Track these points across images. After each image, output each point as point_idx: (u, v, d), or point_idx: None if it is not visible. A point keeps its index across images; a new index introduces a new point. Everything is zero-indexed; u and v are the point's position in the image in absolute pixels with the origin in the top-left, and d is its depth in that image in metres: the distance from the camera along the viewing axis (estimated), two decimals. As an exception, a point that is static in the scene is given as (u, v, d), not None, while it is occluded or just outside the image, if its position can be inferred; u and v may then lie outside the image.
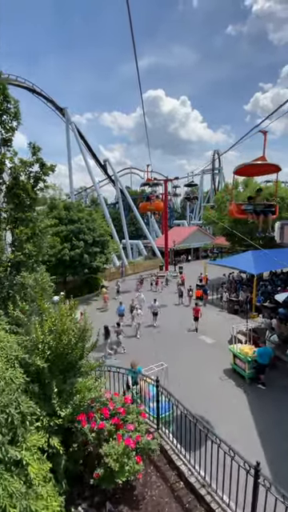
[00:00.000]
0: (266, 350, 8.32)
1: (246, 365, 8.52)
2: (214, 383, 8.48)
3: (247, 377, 8.49)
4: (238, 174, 7.79)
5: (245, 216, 7.27)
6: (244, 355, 8.61)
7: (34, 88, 31.16)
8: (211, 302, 17.70)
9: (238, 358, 8.95)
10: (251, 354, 8.48)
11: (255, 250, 17.69)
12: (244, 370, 8.63)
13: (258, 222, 7.08)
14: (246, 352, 8.70)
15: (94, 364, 3.77)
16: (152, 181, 27.94)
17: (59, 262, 17.61)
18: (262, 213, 6.90)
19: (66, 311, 3.62)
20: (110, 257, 20.90)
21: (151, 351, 9.79)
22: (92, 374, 3.89)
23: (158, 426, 4.38)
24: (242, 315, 15.08)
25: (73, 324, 3.42)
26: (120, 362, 9.15)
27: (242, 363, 8.77)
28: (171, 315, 15.18)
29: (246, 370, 8.52)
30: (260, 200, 7.47)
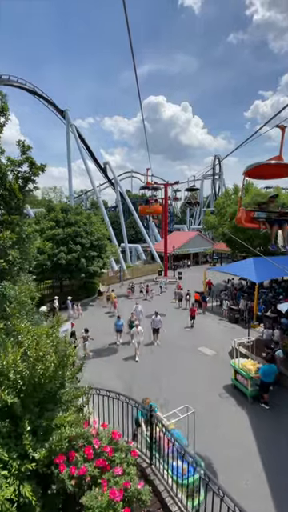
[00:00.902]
0: (270, 368, 7.72)
1: (249, 382, 7.95)
2: (214, 401, 7.93)
3: (249, 395, 7.92)
4: (249, 176, 6.56)
5: (255, 225, 6.39)
6: (246, 372, 8.05)
7: (35, 90, 31.03)
8: (211, 309, 17.18)
9: (239, 374, 8.39)
10: (254, 372, 7.92)
11: (257, 257, 17.25)
12: (246, 388, 8.06)
13: (271, 232, 6.20)
14: (249, 369, 8.08)
15: (78, 392, 3.26)
16: (152, 184, 27.70)
17: (55, 266, 17.12)
18: (277, 222, 6.06)
19: (47, 331, 3.14)
20: (107, 261, 20.40)
21: (151, 375, 9.07)
22: (79, 401, 3.38)
23: (152, 461, 3.85)
24: (242, 324, 14.58)
25: (53, 347, 2.93)
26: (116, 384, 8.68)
27: (243, 379, 8.21)
28: (169, 321, 14.66)
29: (249, 387, 7.95)
30: (274, 207, 6.53)
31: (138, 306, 13.65)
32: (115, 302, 16.76)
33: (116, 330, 11.76)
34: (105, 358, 10.59)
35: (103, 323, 14.54)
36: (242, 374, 8.19)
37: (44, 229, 17.56)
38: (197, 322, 14.64)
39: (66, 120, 31.99)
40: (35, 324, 4.02)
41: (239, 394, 8.24)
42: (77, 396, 3.21)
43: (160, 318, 11.74)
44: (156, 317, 11.75)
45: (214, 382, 8.86)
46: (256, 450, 5.96)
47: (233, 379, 8.68)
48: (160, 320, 11.69)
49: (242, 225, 6.63)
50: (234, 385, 8.64)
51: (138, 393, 7.61)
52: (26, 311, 3.70)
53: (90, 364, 9.15)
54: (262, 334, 12.58)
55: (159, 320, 11.71)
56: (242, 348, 9.92)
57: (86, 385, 3.64)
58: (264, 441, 6.30)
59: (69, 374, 3.12)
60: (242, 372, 8.23)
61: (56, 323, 3.35)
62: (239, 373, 8.34)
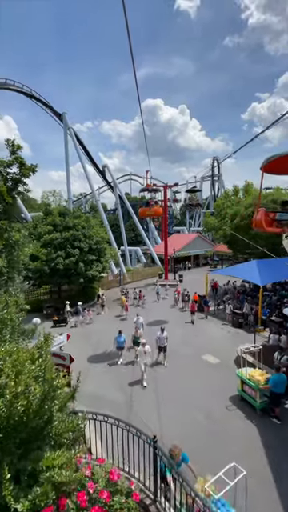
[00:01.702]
0: (280, 378, 7.15)
1: (257, 393, 7.46)
2: (220, 415, 7.44)
3: (258, 408, 7.43)
4: (267, 171, 5.95)
5: (277, 230, 5.68)
6: (255, 383, 7.54)
7: (32, 93, 30.86)
8: (213, 313, 16.70)
9: (246, 385, 7.89)
10: (264, 382, 7.41)
11: (260, 259, 16.83)
12: (254, 399, 7.57)
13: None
14: (258, 380, 7.53)
15: (70, 423, 2.80)
16: (151, 186, 27.38)
17: (53, 271, 16.69)
18: None
19: (33, 353, 2.70)
20: (106, 265, 19.96)
21: (159, 401, 7.74)
22: (71, 434, 2.92)
23: (156, 497, 3.38)
24: (246, 328, 14.10)
25: (39, 376, 2.49)
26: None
27: (251, 391, 7.71)
28: (170, 327, 14.19)
29: (257, 399, 7.45)
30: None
31: (140, 318, 12.06)
32: (126, 305, 16.73)
33: (117, 348, 10.15)
34: (106, 380, 9.09)
35: (116, 328, 14.01)
36: (250, 384, 7.69)
37: (41, 233, 17.18)
38: (199, 328, 14.19)
39: (64, 123, 31.77)
40: (22, 343, 3.57)
41: (247, 406, 7.76)
42: (69, 430, 2.76)
43: (166, 335, 10.11)
44: (162, 333, 10.06)
45: (220, 393, 8.37)
46: (271, 478, 5.43)
47: (239, 390, 8.17)
48: (166, 337, 10.10)
49: (263, 229, 5.93)
50: (240, 396, 8.14)
51: (145, 421, 7.20)
52: (11, 330, 3.26)
53: (88, 387, 8.65)
54: (267, 339, 12.12)
55: (165, 337, 10.08)
56: (248, 356, 9.44)
57: (80, 413, 3.18)
58: (278, 460, 5.82)
59: (58, 404, 2.67)
60: (249, 383, 7.73)
61: (44, 343, 2.90)
62: (246, 383, 7.84)
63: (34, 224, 18.23)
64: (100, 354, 11.41)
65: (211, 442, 6.28)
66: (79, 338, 13.31)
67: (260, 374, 7.74)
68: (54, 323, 15.57)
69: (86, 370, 9.82)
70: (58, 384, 2.60)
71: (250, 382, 7.66)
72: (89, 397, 8.20)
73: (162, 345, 10.09)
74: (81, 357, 11.05)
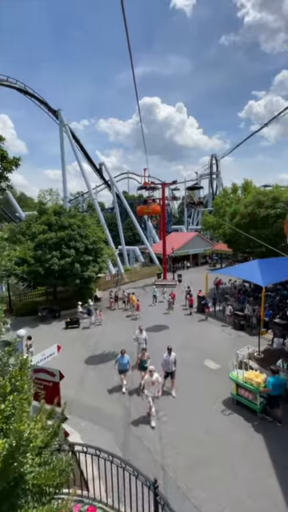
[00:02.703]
0: (278, 380, 7.01)
1: (257, 396, 7.14)
2: (223, 428, 6.96)
3: (259, 411, 7.17)
4: None
5: None
6: (254, 385, 7.20)
7: (26, 89, 30.03)
8: (213, 314, 16.23)
9: (242, 388, 7.55)
10: (263, 385, 7.08)
11: (262, 259, 16.38)
12: (252, 402, 7.27)
13: None
14: (258, 382, 7.22)
15: (52, 472, 2.27)
16: (149, 184, 26.83)
17: (48, 272, 16.10)
18: None
19: (4, 387, 2.16)
20: (103, 266, 19.38)
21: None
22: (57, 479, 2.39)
23: None
24: (248, 330, 13.65)
25: (5, 418, 1.95)
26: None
27: (248, 393, 7.38)
28: (169, 332, 13.72)
29: (258, 401, 7.15)
30: None
31: (142, 333, 10.04)
32: (138, 304, 16.39)
33: (119, 371, 8.44)
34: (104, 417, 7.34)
35: (128, 329, 13.75)
36: (248, 387, 7.36)
37: (35, 233, 16.57)
38: (200, 330, 13.71)
39: (59, 120, 31.02)
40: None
41: (244, 410, 7.42)
42: (51, 478, 2.22)
43: (175, 357, 8.25)
44: (169, 355, 8.19)
45: (221, 401, 7.89)
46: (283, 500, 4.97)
47: (234, 394, 7.76)
48: (175, 360, 8.24)
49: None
50: (236, 400, 7.75)
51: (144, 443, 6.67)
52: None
53: (86, 398, 8.15)
54: (271, 342, 11.68)
55: (173, 360, 8.19)
56: (252, 362, 8.97)
57: (66, 450, 2.64)
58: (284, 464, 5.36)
59: (32, 456, 2.13)
60: (246, 386, 7.39)
61: (21, 371, 2.36)
62: (243, 386, 7.50)
63: (27, 223, 17.60)
64: (103, 358, 10.93)
65: (217, 468, 5.78)
66: (84, 341, 12.85)
67: (256, 376, 7.45)
68: (66, 325, 15.23)
69: (87, 376, 9.35)
70: (30, 435, 2.05)
71: (248, 385, 7.35)
72: (86, 408, 7.71)
73: (169, 370, 8.17)
74: (80, 361, 10.62)
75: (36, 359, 5.14)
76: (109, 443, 6.38)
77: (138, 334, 10.08)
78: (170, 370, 8.20)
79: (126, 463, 3.07)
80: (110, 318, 16.64)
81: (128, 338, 11.14)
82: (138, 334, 10.05)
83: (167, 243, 27.07)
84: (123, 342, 10.93)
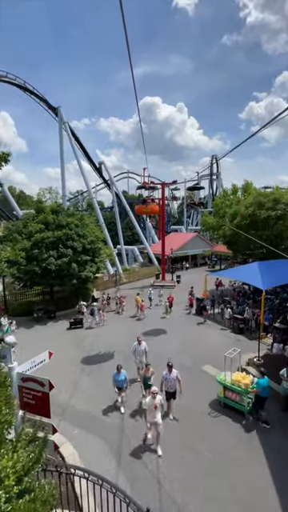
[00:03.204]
0: (265, 381, 7.00)
1: (245, 398, 7.14)
2: (227, 443, 6.69)
3: (248, 412, 7.15)
4: None
5: None
6: (242, 387, 7.20)
7: (25, 86, 29.67)
8: (212, 317, 15.97)
9: (229, 390, 7.46)
10: (251, 386, 7.12)
11: (262, 261, 16.13)
12: (240, 404, 7.24)
13: None
14: (246, 384, 7.18)
15: (31, 505, 1.99)
16: (149, 184, 26.54)
17: (44, 272, 15.80)
18: None
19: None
20: (101, 266, 19.08)
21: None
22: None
23: None
24: (247, 334, 13.40)
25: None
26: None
27: (236, 395, 7.34)
28: (167, 336, 13.45)
29: (245, 403, 7.14)
30: None
31: (141, 344, 8.80)
32: (143, 305, 16.24)
33: (116, 388, 7.48)
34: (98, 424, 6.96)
35: (132, 330, 13.59)
36: (236, 389, 7.30)
37: (32, 232, 16.26)
38: (198, 334, 13.43)
39: (59, 117, 30.66)
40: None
41: (231, 412, 7.36)
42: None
43: (177, 374, 7.14)
44: (170, 373, 7.10)
45: (227, 419, 7.62)
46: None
47: (221, 397, 7.65)
48: (177, 378, 7.09)
49: None
50: (223, 403, 7.63)
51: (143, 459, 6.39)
52: None
53: (81, 406, 7.85)
54: (270, 347, 11.44)
55: (175, 378, 7.07)
56: (252, 368, 8.73)
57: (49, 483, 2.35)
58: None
59: (10, 492, 1.84)
60: (235, 388, 7.32)
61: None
62: (231, 389, 7.41)
63: (24, 222, 17.28)
64: (99, 359, 10.63)
65: (217, 485, 5.53)
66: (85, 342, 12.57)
67: (244, 378, 7.47)
68: (70, 325, 15.03)
69: (81, 380, 9.05)
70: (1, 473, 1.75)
71: (236, 387, 7.32)
72: (79, 414, 7.43)
73: (170, 389, 7.05)
74: (79, 362, 10.32)
75: (25, 367, 4.84)
76: (103, 452, 6.12)
77: (137, 345, 8.82)
78: (172, 389, 7.06)
79: (116, 489, 2.80)
80: (115, 318, 16.46)
81: (131, 339, 10.79)
82: (137, 346, 8.81)
83: (166, 243, 26.83)
84: (127, 344, 10.70)
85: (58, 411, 7.48)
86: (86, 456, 5.93)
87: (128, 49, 3.42)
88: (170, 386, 7.05)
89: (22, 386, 4.64)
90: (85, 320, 15.53)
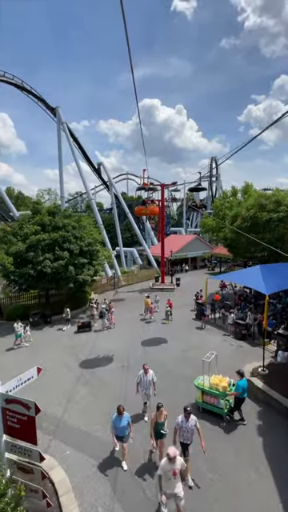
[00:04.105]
0: (245, 383, 7.08)
1: (223, 401, 7.16)
2: (233, 461, 6.19)
3: (225, 414, 7.20)
4: None
5: None
6: (221, 391, 7.22)
7: (23, 85, 29.29)
8: (213, 322, 15.50)
9: (207, 395, 7.40)
10: (229, 389, 7.28)
11: (264, 264, 15.70)
12: (218, 407, 7.23)
13: None
14: (224, 387, 7.25)
15: None
16: (148, 185, 26.16)
17: (40, 275, 15.29)
18: None
19: None
20: (98, 269, 18.58)
21: None
22: None
23: None
24: (250, 340, 12.93)
25: None
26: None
27: (214, 399, 7.31)
28: (167, 344, 12.95)
29: (224, 406, 7.16)
30: None
31: (148, 374, 7.11)
32: (152, 308, 16.12)
33: (116, 437, 5.76)
34: (92, 443, 6.33)
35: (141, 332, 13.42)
36: (215, 393, 7.26)
37: (28, 234, 15.77)
38: (199, 340, 12.91)
39: (57, 118, 30.28)
40: None
41: (210, 416, 7.32)
42: None
43: (196, 422, 5.43)
44: (187, 421, 5.37)
45: (231, 436, 7.13)
46: None
47: (199, 402, 7.54)
48: (195, 427, 5.39)
49: None
50: (201, 408, 7.52)
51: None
52: None
53: (75, 420, 7.31)
54: (274, 354, 10.97)
55: (193, 427, 5.36)
56: (257, 380, 8.24)
57: None
58: None
59: None
60: (213, 392, 7.30)
61: None
62: (209, 393, 7.35)
63: (19, 223, 16.80)
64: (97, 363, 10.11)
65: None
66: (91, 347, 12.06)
67: (221, 380, 7.51)
68: (77, 329, 14.68)
69: (78, 391, 8.50)
70: None
71: (215, 391, 7.30)
72: (73, 432, 6.92)
73: (186, 441, 5.40)
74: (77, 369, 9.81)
75: (10, 385, 4.36)
76: (96, 476, 5.61)
77: (142, 375, 7.08)
78: (188, 440, 5.39)
79: None
80: (123, 320, 16.07)
81: (131, 345, 10.25)
82: (142, 376, 7.07)
83: (166, 246, 26.43)
84: (126, 350, 10.05)
85: (50, 428, 6.97)
86: (78, 481, 5.43)
87: (129, 51, 3.44)
88: (187, 437, 5.38)
89: (6, 408, 4.16)
90: (93, 323, 15.34)
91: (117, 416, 5.72)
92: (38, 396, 8.10)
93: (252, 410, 7.47)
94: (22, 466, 4.48)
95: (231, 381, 7.54)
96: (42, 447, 6.31)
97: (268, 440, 6.48)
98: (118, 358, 11.18)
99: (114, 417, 5.75)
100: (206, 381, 7.49)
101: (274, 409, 7.39)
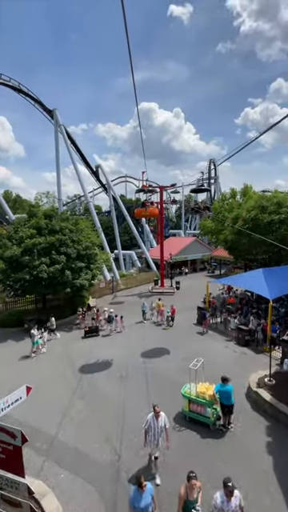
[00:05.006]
0: (231, 389, 6.92)
1: (210, 409, 6.98)
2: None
3: (212, 423, 6.99)
4: None
5: None
6: (208, 399, 7.02)
7: (20, 87, 29.00)
8: (215, 327, 15.03)
9: (194, 403, 7.18)
10: (215, 397, 7.02)
11: (266, 268, 15.35)
12: (205, 416, 7.01)
13: None
14: (211, 395, 7.06)
15: None
16: (147, 187, 25.78)
17: (36, 280, 14.81)
18: None
19: None
20: (96, 273, 18.10)
21: None
22: None
23: None
24: (253, 346, 12.46)
25: None
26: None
27: (201, 408, 7.11)
28: (168, 354, 12.47)
29: (210, 415, 6.97)
30: None
31: (161, 417, 5.57)
32: (162, 310, 16.01)
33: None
34: (89, 466, 5.81)
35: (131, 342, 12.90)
36: (201, 402, 7.07)
37: (23, 237, 15.31)
38: (202, 347, 12.38)
39: (55, 120, 30.00)
40: None
41: (195, 425, 7.10)
42: None
43: (240, 500, 3.96)
44: (229, 502, 3.85)
45: (244, 460, 6.65)
46: None
47: (186, 411, 7.31)
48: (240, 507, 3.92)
49: None
50: (189, 417, 7.30)
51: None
52: None
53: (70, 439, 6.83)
54: (279, 361, 10.52)
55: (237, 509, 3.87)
56: (265, 392, 7.78)
57: None
58: None
59: None
60: (200, 400, 7.09)
61: None
62: (197, 402, 7.13)
63: (15, 227, 16.34)
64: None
65: None
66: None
67: (207, 388, 7.33)
68: (84, 334, 14.37)
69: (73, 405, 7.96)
70: None
71: (201, 400, 7.09)
72: (68, 452, 6.41)
73: None
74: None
75: (-5, 408, 3.89)
76: (93, 504, 5.11)
77: (152, 420, 5.49)
78: None
79: None
80: (133, 323, 15.82)
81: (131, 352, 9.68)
82: (152, 421, 5.48)
83: (165, 248, 25.93)
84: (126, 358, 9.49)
85: (43, 448, 6.47)
86: (73, 510, 4.93)
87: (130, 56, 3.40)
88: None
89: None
90: (101, 327, 15.06)
91: (136, 491, 4.02)
92: (30, 410, 7.67)
93: (260, 425, 7.00)
94: (8, 498, 4.00)
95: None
96: (35, 469, 5.83)
97: (278, 459, 6.01)
98: (117, 366, 10.70)
99: (131, 494, 4.08)
100: (193, 389, 7.30)
101: (283, 424, 6.92)
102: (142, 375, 9.93)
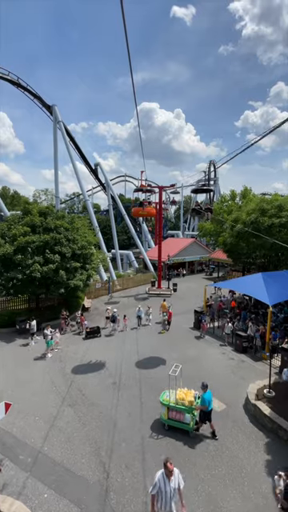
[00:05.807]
0: (210, 395, 6.78)
1: (190, 416, 6.80)
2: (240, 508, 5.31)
3: (191, 430, 6.84)
4: None
5: None
6: (187, 406, 6.88)
7: (18, 82, 28.39)
8: (212, 332, 14.66)
9: (174, 411, 6.96)
10: (196, 402, 6.92)
11: (266, 272, 15.00)
12: (184, 423, 6.86)
13: None
14: (191, 401, 6.92)
15: None
16: (146, 187, 25.33)
17: (28, 280, 14.31)
18: None
19: None
20: (92, 273, 17.62)
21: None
22: None
23: None
24: (251, 353, 12.10)
25: None
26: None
27: (180, 415, 6.92)
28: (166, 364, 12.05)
29: (190, 421, 6.79)
30: None
31: (174, 476, 4.19)
32: (170, 312, 15.58)
33: None
34: (75, 484, 5.37)
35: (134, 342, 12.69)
36: (180, 408, 6.87)
37: (16, 235, 14.79)
38: (198, 354, 11.99)
39: (54, 116, 29.45)
40: None
41: (175, 433, 6.92)
42: None
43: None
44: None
45: (246, 481, 6.25)
46: None
47: (164, 419, 7.08)
48: None
49: None
50: (167, 425, 7.07)
51: None
52: None
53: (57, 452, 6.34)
54: (278, 370, 10.16)
55: None
56: (264, 405, 7.39)
57: None
58: None
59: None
60: (179, 407, 6.89)
61: None
62: (176, 409, 6.93)
63: (8, 224, 15.81)
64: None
65: None
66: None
67: (187, 394, 7.18)
68: (86, 335, 14.08)
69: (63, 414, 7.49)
70: None
71: (180, 406, 6.90)
72: (53, 469, 5.95)
73: None
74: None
75: None
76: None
77: (162, 481, 4.16)
78: None
79: None
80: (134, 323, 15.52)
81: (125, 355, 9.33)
82: (162, 483, 4.14)
83: (163, 249, 25.56)
84: (120, 360, 9.07)
85: (27, 462, 6.01)
86: (56, 537, 4.50)
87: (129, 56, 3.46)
88: None
89: None
90: (108, 326, 15.05)
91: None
92: (15, 419, 7.25)
93: (259, 442, 6.60)
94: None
95: (197, 393, 7.21)
96: (16, 487, 5.39)
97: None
98: (110, 371, 10.27)
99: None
100: (172, 396, 7.10)
101: (284, 440, 6.53)
102: (135, 382, 9.51)
